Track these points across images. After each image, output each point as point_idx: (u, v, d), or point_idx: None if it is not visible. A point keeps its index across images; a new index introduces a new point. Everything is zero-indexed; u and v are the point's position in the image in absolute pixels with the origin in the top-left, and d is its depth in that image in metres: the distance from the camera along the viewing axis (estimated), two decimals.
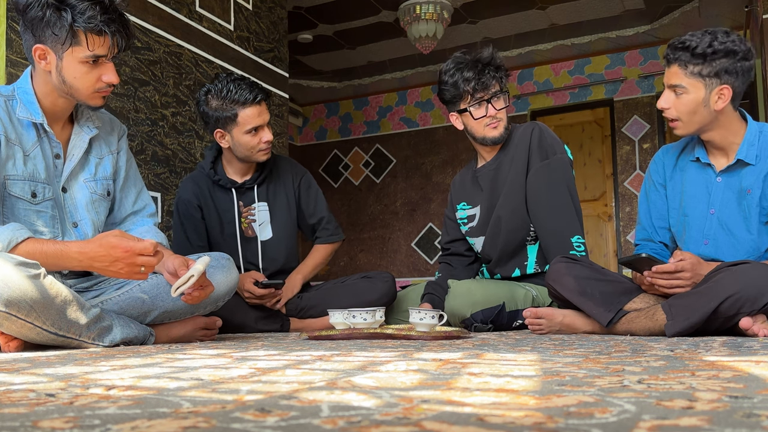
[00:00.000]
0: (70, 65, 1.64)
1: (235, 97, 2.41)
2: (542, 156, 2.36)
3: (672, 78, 1.90)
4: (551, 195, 2.33)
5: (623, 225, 5.77)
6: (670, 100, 1.92)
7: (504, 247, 2.42)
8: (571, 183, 2.37)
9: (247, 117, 2.43)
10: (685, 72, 1.87)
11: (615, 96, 5.86)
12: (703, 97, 1.86)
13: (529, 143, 2.37)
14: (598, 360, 1.05)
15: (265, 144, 2.48)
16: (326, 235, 2.75)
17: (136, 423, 0.53)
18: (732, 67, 1.82)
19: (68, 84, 1.67)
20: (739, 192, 1.90)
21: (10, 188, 1.65)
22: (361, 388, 0.72)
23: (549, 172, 2.34)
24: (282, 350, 1.40)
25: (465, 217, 2.55)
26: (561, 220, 2.32)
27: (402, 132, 6.71)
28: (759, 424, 0.49)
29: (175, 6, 2.96)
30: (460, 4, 4.95)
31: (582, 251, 2.31)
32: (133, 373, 0.94)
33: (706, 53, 1.82)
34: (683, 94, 1.88)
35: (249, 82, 2.45)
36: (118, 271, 1.56)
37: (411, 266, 6.46)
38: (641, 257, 1.81)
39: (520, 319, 2.28)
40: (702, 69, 1.84)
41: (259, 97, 2.44)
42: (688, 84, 1.87)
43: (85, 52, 1.63)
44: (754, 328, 1.62)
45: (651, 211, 2.12)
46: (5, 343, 1.49)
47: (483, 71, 2.35)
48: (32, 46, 1.64)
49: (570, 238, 2.30)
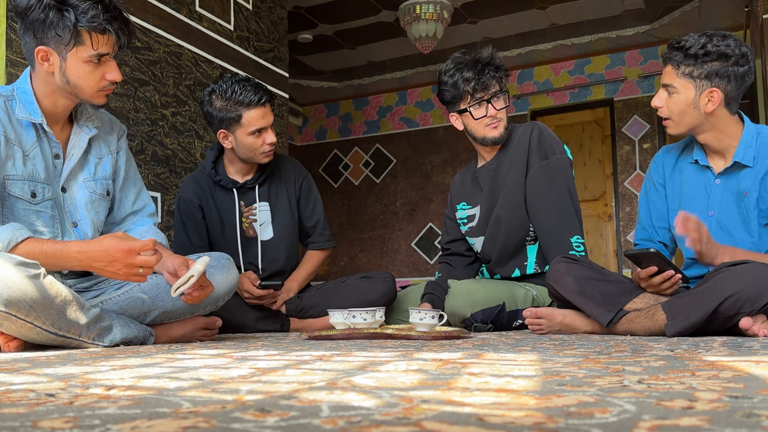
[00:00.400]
0: (74, 65, 1.65)
1: (239, 98, 2.40)
2: (542, 156, 2.35)
3: (665, 77, 1.92)
4: (550, 195, 2.33)
5: (623, 225, 5.77)
6: (663, 98, 1.94)
7: (503, 247, 2.42)
8: (570, 183, 2.37)
9: (251, 118, 2.42)
10: (677, 72, 1.88)
11: (615, 96, 5.86)
12: (692, 98, 1.87)
13: (528, 143, 2.37)
14: (598, 360, 1.05)
15: (269, 146, 2.48)
16: (322, 240, 2.76)
17: (136, 423, 0.53)
18: (723, 70, 1.83)
19: (72, 84, 1.67)
20: (737, 194, 1.90)
21: (10, 188, 1.65)
22: (361, 388, 0.72)
23: (548, 172, 2.34)
24: (282, 350, 1.40)
25: (465, 217, 2.55)
26: (560, 220, 2.32)
27: (402, 132, 6.71)
28: (759, 424, 0.49)
29: (175, 6, 2.96)
30: (460, 4, 4.95)
31: (581, 251, 2.30)
32: (133, 373, 0.94)
33: (698, 54, 1.83)
34: (674, 93, 1.90)
35: (254, 84, 2.45)
36: (116, 272, 1.56)
37: (411, 266, 6.46)
38: (649, 252, 1.79)
39: (520, 319, 2.28)
40: (693, 70, 1.85)
41: (263, 99, 2.44)
42: (678, 84, 1.88)
43: (89, 51, 1.64)
44: (755, 328, 1.62)
45: (651, 211, 2.12)
46: (5, 343, 1.49)
47: (483, 71, 2.34)
48: (34, 48, 1.64)
49: (569, 238, 2.30)
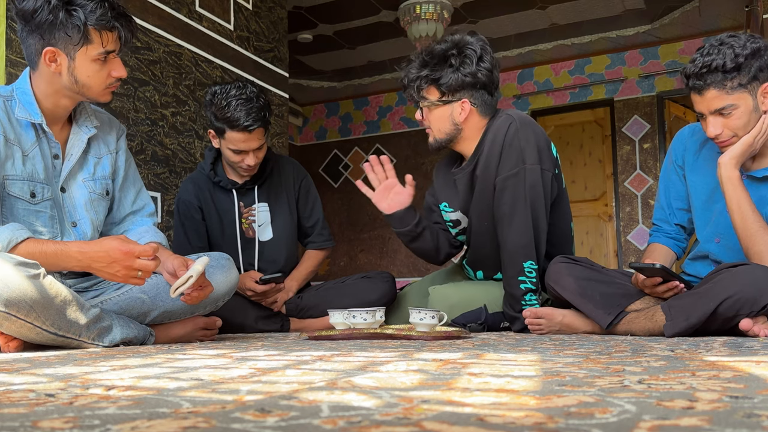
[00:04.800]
0: (82, 64, 1.66)
1: (227, 115, 2.35)
2: (511, 162, 2.12)
3: (713, 103, 1.80)
4: (511, 212, 2.13)
5: (623, 225, 5.77)
6: (719, 123, 1.82)
7: (478, 248, 2.37)
8: (536, 199, 2.12)
9: (232, 139, 2.39)
10: (725, 90, 1.78)
11: (615, 96, 5.86)
12: (752, 105, 1.79)
13: (502, 143, 2.15)
14: (599, 360, 1.05)
15: (246, 166, 2.46)
16: (321, 240, 2.76)
17: (136, 423, 0.53)
18: (764, 63, 1.78)
19: (81, 83, 1.68)
20: (760, 199, 1.84)
21: (9, 188, 1.65)
22: (361, 388, 0.72)
23: (513, 186, 2.12)
24: (282, 350, 1.40)
25: (449, 221, 2.47)
26: (516, 242, 2.14)
27: (402, 132, 6.71)
28: (759, 425, 0.49)
29: (175, 6, 2.96)
30: (460, 4, 4.95)
31: (532, 278, 2.12)
32: (133, 373, 0.94)
33: (739, 64, 1.76)
34: (733, 110, 1.79)
35: (254, 106, 2.36)
36: (114, 274, 1.56)
37: (411, 266, 6.46)
38: (655, 267, 1.76)
39: (506, 322, 2.24)
40: (741, 79, 1.77)
41: (252, 126, 2.36)
42: (734, 100, 1.78)
43: (98, 49, 1.66)
44: (755, 328, 1.61)
45: (669, 190, 2.08)
46: (5, 344, 1.49)
47: (403, 89, 2.37)
48: (40, 50, 1.64)
49: (522, 263, 2.13)
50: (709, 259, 1.97)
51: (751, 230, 1.76)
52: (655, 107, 5.70)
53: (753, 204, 1.79)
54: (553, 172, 2.20)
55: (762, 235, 1.75)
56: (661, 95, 5.70)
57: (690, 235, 2.10)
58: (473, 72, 2.21)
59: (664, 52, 5.72)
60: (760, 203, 1.83)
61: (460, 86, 2.23)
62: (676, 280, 1.80)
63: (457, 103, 2.25)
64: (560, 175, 2.31)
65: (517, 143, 2.13)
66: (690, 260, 2.05)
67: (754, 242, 1.75)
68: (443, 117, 2.28)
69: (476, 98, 2.25)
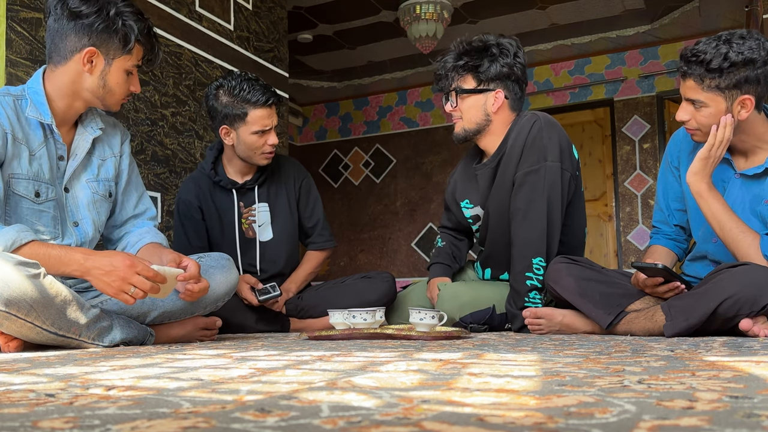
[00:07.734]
0: (116, 72, 1.73)
1: (247, 96, 2.42)
2: (533, 159, 2.16)
3: (688, 92, 1.80)
4: (526, 207, 2.15)
5: (623, 225, 5.77)
6: (689, 112, 1.82)
7: (492, 246, 2.38)
8: (554, 196, 2.14)
9: (256, 117, 2.43)
10: (701, 86, 1.76)
11: (615, 96, 5.86)
12: (724, 110, 1.76)
13: (525, 140, 2.20)
14: (599, 360, 1.05)
15: (270, 147, 2.49)
16: (322, 240, 2.75)
17: (136, 423, 0.53)
18: (753, 75, 1.71)
19: (107, 88, 1.73)
20: (754, 197, 1.83)
21: (15, 187, 1.66)
22: (361, 389, 0.72)
23: (532, 182, 2.15)
24: (282, 350, 1.40)
25: (469, 217, 2.49)
26: (528, 237, 2.15)
27: (402, 132, 6.71)
28: (759, 424, 0.49)
29: (175, 6, 2.96)
30: (460, 4, 4.95)
31: (540, 274, 2.13)
32: (133, 373, 0.94)
33: (722, 68, 1.71)
34: (702, 108, 1.78)
35: (263, 84, 2.47)
36: (110, 284, 1.56)
37: (411, 266, 6.46)
38: (657, 267, 1.75)
39: (509, 323, 2.24)
40: (720, 82, 1.73)
41: (271, 100, 2.45)
42: (705, 98, 1.76)
43: (134, 61, 1.76)
44: (755, 329, 1.61)
45: (667, 192, 2.08)
46: (5, 343, 1.49)
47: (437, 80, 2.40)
48: (81, 48, 1.68)
49: (532, 258, 2.14)
50: (708, 260, 1.97)
51: (731, 235, 1.76)
52: (655, 107, 5.69)
53: (728, 209, 1.78)
54: (572, 173, 2.22)
55: (743, 238, 1.75)
56: (661, 95, 5.70)
57: (690, 236, 2.10)
58: (510, 63, 2.29)
59: (664, 52, 5.72)
60: (754, 201, 1.83)
61: (497, 76, 2.29)
62: (677, 281, 1.80)
63: (491, 92, 2.31)
64: (579, 177, 2.32)
65: (540, 141, 2.16)
66: (689, 261, 2.05)
67: (738, 246, 1.76)
68: (476, 106, 2.32)
69: (509, 90, 2.32)
